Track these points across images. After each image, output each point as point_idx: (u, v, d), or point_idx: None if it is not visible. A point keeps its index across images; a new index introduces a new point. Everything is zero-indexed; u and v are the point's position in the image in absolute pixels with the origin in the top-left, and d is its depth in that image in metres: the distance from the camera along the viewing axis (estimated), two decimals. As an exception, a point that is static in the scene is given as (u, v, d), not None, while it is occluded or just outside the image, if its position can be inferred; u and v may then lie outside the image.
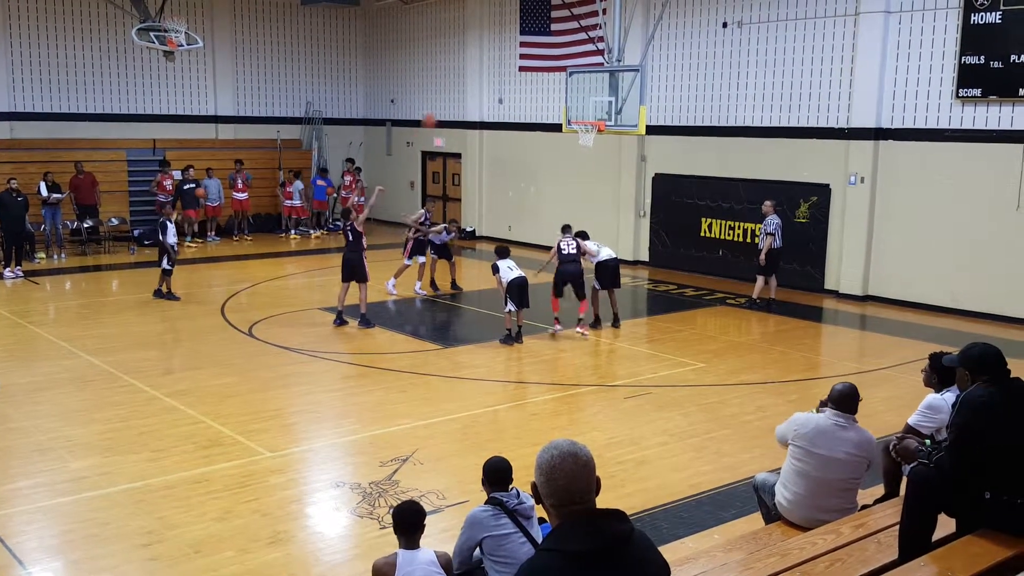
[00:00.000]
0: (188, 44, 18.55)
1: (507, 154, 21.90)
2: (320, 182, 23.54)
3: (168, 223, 15.11)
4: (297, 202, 22.95)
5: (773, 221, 14.73)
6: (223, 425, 9.07)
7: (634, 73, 17.37)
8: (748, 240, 17.14)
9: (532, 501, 4.80)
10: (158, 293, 15.10)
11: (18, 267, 17.21)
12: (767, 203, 14.98)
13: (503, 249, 12.96)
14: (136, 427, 8.97)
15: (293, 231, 23.08)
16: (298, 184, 22.88)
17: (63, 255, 19.22)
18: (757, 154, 16.87)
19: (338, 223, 23.30)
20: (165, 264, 14.96)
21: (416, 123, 23.99)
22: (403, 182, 24.83)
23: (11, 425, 9.05)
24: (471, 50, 22.51)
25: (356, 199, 23.10)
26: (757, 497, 6.18)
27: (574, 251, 13.06)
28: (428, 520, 5.05)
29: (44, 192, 19.16)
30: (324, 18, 24.56)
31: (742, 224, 17.33)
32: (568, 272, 12.97)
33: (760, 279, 14.96)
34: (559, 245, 13.15)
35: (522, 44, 20.61)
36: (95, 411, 9.46)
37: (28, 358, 11.57)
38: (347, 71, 25.21)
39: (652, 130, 17.24)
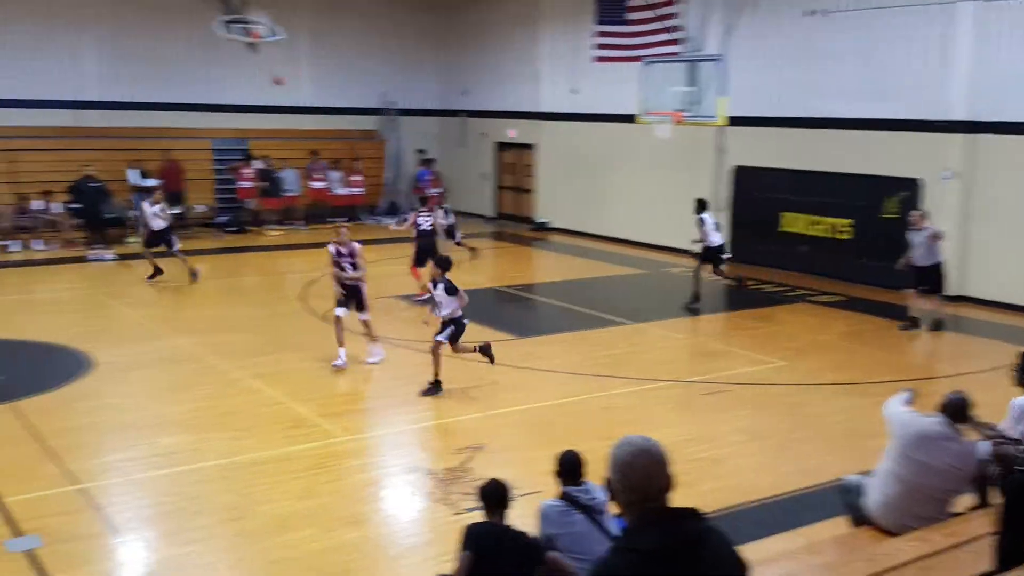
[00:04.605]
0: (271, 36, 18.97)
1: (581, 145, 21.82)
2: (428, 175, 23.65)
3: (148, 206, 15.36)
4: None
5: (925, 232, 12.89)
6: (303, 407, 9.28)
7: (713, 63, 17.15)
8: (832, 236, 16.76)
9: (605, 495, 4.80)
10: (194, 276, 15.34)
11: (106, 249, 17.85)
12: (917, 212, 13.40)
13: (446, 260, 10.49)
14: (222, 407, 9.25)
15: (371, 220, 23.31)
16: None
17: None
18: (842, 147, 16.45)
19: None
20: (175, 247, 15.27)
21: (486, 113, 24.08)
22: (476, 173, 24.93)
23: (106, 401, 9.45)
24: (545, 40, 22.47)
25: (433, 190, 23.30)
26: (844, 500, 6.04)
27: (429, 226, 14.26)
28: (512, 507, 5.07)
29: (135, 179, 19.82)
30: (401, 9, 24.78)
31: (825, 219, 16.94)
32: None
33: (922, 294, 13.17)
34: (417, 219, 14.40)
35: (597, 34, 20.48)
36: (183, 390, 9.78)
37: (120, 337, 12.01)
38: (422, 62, 25.40)
39: (731, 121, 16.97)
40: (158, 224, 15.20)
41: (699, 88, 17.22)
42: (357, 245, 10.84)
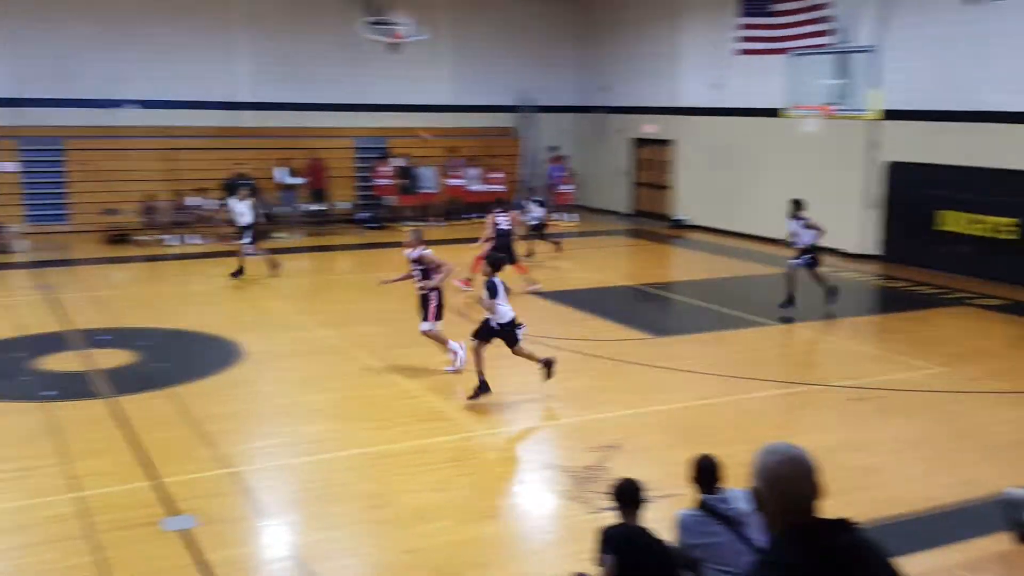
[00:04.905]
0: (413, 36, 19.36)
1: (722, 141, 21.25)
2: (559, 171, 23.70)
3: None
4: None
5: None
6: (440, 401, 9.39)
7: (865, 54, 16.36)
8: (994, 235, 15.68)
9: (744, 504, 4.57)
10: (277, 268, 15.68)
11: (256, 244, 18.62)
12: None
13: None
14: (363, 397, 9.47)
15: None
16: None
17: (299, 235, 20.63)
18: (1006, 141, 15.35)
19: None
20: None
21: (623, 109, 23.81)
22: (612, 170, 24.69)
23: (256, 389, 9.87)
24: (686, 34, 22.02)
25: (564, 187, 23.31)
26: (1007, 514, 5.61)
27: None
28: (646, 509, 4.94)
29: (282, 177, 20.65)
30: (539, 6, 24.82)
31: (987, 218, 15.85)
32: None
33: None
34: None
35: (741, 26, 19.90)
36: (327, 380, 10.08)
37: (268, 328, 12.50)
38: (559, 58, 25.36)
39: (885, 115, 16.13)
40: (244, 220, 15.71)
41: (849, 80, 16.47)
42: (426, 251, 10.14)
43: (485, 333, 9.22)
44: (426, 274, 10.08)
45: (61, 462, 7.60)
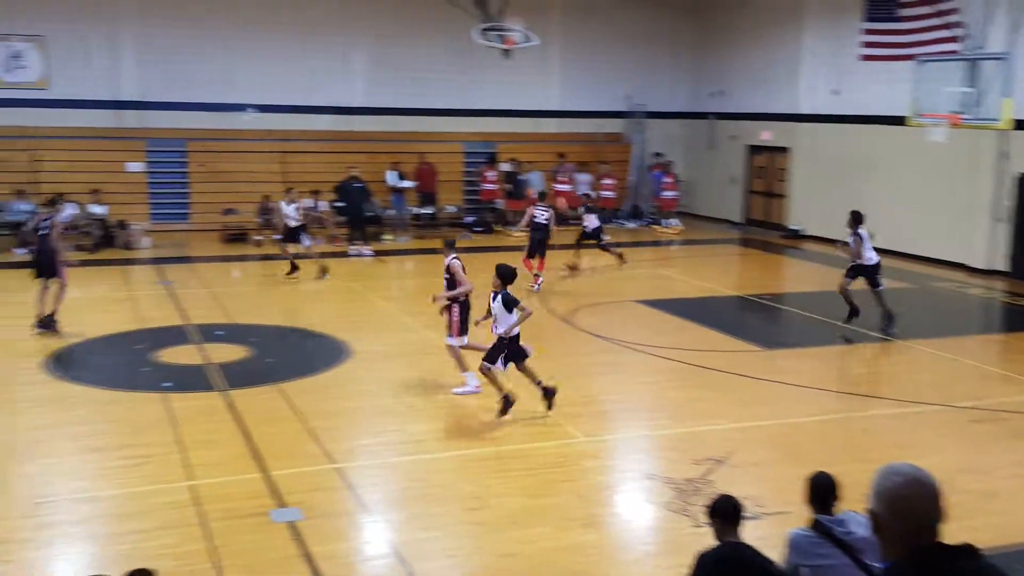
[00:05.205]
0: (525, 42, 19.42)
1: (842, 149, 20.52)
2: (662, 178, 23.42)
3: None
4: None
5: None
6: (542, 406, 9.32)
7: (997, 62, 15.55)
8: None
9: (862, 528, 4.33)
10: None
11: (365, 246, 19.02)
12: None
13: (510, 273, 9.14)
14: (465, 399, 9.48)
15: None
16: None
17: (406, 237, 20.96)
18: None
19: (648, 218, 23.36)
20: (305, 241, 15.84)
21: (737, 115, 23.29)
22: (724, 177, 24.17)
23: (362, 387, 10.03)
24: (805, 39, 21.37)
25: (667, 193, 22.96)
26: None
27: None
28: (745, 526, 4.77)
29: (393, 180, 21.03)
30: (652, 11, 24.54)
31: None
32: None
33: None
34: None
35: (865, 31, 19.21)
36: (430, 381, 10.14)
37: (375, 328, 12.73)
38: (671, 64, 25.01)
39: (1017, 125, 15.27)
40: (293, 222, 15.95)
41: (980, 89, 15.64)
42: (454, 261, 9.61)
43: (497, 354, 8.75)
44: (450, 284, 9.61)
45: (178, 451, 7.90)
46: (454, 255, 9.68)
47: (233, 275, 16.46)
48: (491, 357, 8.80)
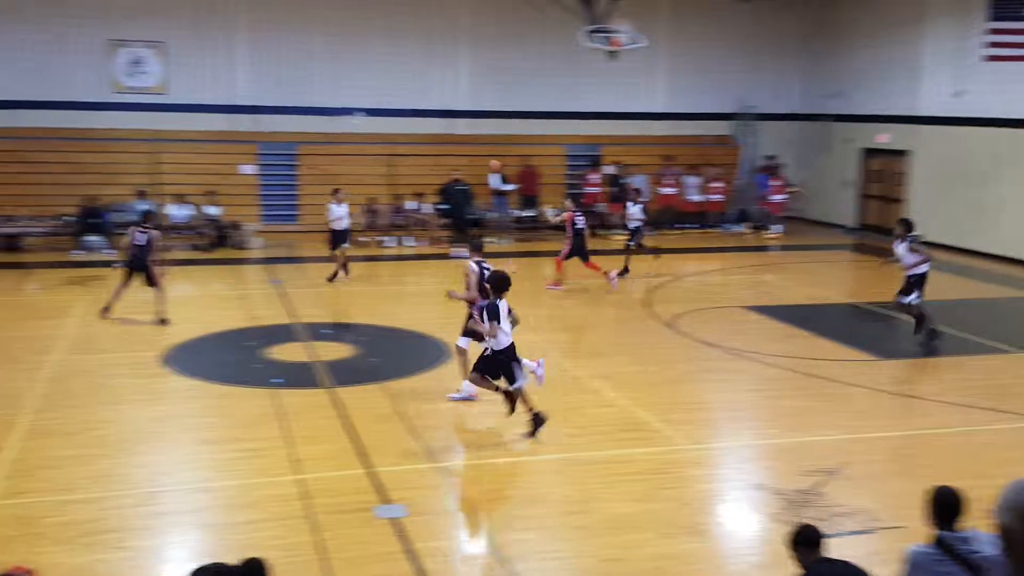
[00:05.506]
0: (631, 44, 19.19)
1: (965, 152, 19.55)
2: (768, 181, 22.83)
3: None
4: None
5: None
6: (644, 411, 9.17)
7: None
8: None
9: (989, 547, 4.05)
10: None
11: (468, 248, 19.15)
12: None
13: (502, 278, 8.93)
14: (564, 403, 9.37)
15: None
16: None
17: (508, 240, 21.01)
18: None
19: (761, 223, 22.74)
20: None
21: (853, 117, 22.47)
22: (838, 181, 23.32)
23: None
24: (926, 39, 20.46)
25: (775, 197, 22.32)
26: None
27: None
28: (858, 540, 4.56)
29: (496, 183, 21.12)
30: (763, 11, 23.92)
31: None
32: None
33: None
34: None
35: (990, 31, 18.29)
36: (530, 385, 10.08)
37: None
38: (781, 64, 24.30)
39: None
40: (341, 224, 15.95)
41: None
42: (471, 265, 9.45)
43: (485, 365, 8.41)
44: (480, 288, 9.33)
45: (285, 445, 8.07)
46: (477, 258, 9.53)
47: (339, 275, 16.74)
48: (508, 377, 8.35)
